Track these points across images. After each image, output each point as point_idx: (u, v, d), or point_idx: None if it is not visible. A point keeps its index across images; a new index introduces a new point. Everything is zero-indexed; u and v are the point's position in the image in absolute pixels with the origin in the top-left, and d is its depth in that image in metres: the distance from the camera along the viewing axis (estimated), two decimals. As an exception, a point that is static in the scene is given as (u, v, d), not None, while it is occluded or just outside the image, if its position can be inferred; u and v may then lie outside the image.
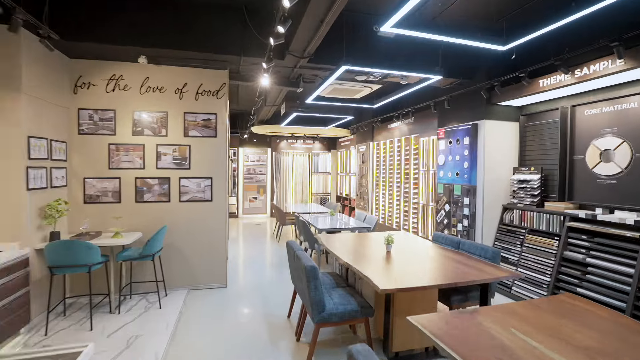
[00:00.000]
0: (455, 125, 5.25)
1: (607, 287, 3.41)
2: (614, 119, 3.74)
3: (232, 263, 5.75)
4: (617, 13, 3.19)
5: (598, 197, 3.87)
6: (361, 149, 9.07)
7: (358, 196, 9.22)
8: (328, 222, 5.80)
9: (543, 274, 4.06)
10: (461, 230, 5.11)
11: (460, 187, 5.13)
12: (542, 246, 4.17)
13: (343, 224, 5.63)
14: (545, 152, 4.53)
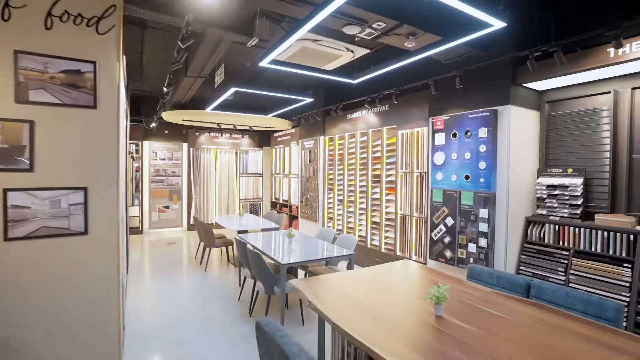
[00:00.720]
0: (463, 112, 3.90)
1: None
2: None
3: (135, 329, 3.41)
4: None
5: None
6: (307, 144, 7.32)
7: (303, 203, 7.46)
8: (292, 248, 3.91)
9: (610, 315, 2.91)
10: (474, 253, 3.77)
11: (472, 194, 3.79)
12: (604, 276, 3.03)
13: (313, 251, 3.82)
14: (584, 149, 3.46)
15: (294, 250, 3.78)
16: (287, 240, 4.27)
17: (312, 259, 3.47)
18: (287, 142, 8.46)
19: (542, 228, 3.55)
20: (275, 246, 3.99)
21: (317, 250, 3.83)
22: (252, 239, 4.32)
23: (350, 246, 4.06)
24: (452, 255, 4.01)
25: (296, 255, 3.59)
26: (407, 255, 4.87)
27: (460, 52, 3.69)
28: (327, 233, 4.67)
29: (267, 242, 4.19)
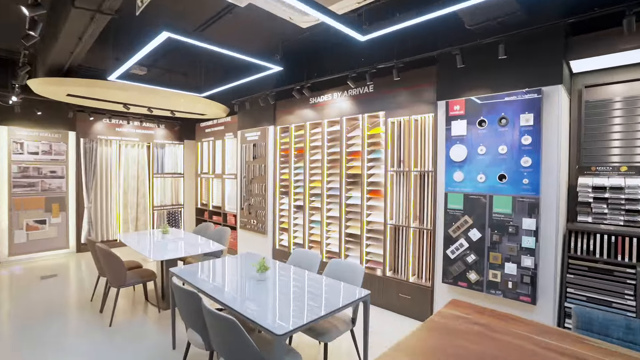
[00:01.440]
0: (495, 94, 2.98)
1: None
2: None
3: None
4: None
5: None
6: (250, 136, 5.74)
7: (244, 210, 5.85)
8: (277, 294, 2.44)
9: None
10: (514, 276, 2.87)
11: (510, 199, 2.89)
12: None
13: (313, 296, 2.43)
14: (632, 144, 2.85)
15: (282, 299, 2.33)
16: (256, 279, 2.76)
17: (320, 316, 2.08)
18: (220, 133, 6.68)
19: (589, 239, 2.84)
20: (245, 294, 2.46)
21: (317, 294, 2.44)
22: (201, 279, 2.70)
23: (355, 279, 2.78)
24: (478, 279, 3.06)
25: (289, 308, 2.16)
26: (403, 276, 3.80)
27: (497, 13, 2.75)
28: (304, 256, 3.29)
29: (231, 287, 2.63)
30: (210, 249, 3.74)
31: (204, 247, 3.86)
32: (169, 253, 3.52)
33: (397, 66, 3.38)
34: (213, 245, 3.87)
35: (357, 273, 2.80)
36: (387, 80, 3.81)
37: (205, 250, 3.71)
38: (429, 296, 3.51)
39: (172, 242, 4.03)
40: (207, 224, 4.99)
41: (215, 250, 3.75)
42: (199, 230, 4.96)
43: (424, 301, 3.54)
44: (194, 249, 3.73)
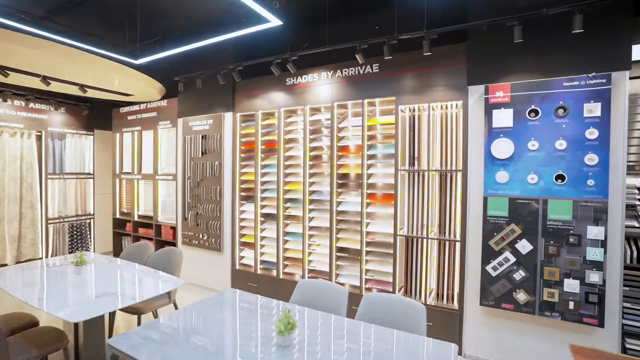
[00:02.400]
0: (551, 79, 2.46)
1: None
2: None
3: None
4: None
5: None
6: (197, 126, 4.40)
7: (188, 221, 4.47)
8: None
9: None
10: (576, 294, 2.39)
11: (571, 203, 2.40)
12: None
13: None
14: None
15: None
16: (278, 347, 1.70)
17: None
18: (151, 122, 5.08)
19: (637, 245, 2.53)
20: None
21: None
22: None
23: (415, 324, 1.94)
24: (529, 299, 2.52)
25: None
26: (419, 297, 3.10)
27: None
28: (318, 291, 2.32)
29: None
30: (166, 287, 2.45)
31: (153, 283, 2.54)
32: (93, 307, 2.12)
33: (428, 37, 2.64)
34: (168, 282, 2.58)
35: (417, 314, 1.95)
36: (398, 59, 3.06)
37: (160, 290, 2.41)
38: (457, 322, 2.87)
39: (96, 280, 2.59)
40: (144, 244, 3.54)
41: (173, 288, 2.48)
42: (130, 253, 3.48)
43: (451, 328, 2.90)
44: (137, 291, 2.40)
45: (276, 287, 3.82)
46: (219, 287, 4.22)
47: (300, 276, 3.78)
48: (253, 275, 4.00)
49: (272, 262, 3.98)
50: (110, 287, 2.40)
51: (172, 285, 2.49)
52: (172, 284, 2.51)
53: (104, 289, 2.37)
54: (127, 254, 3.46)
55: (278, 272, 3.85)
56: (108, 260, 3.17)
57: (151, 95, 4.62)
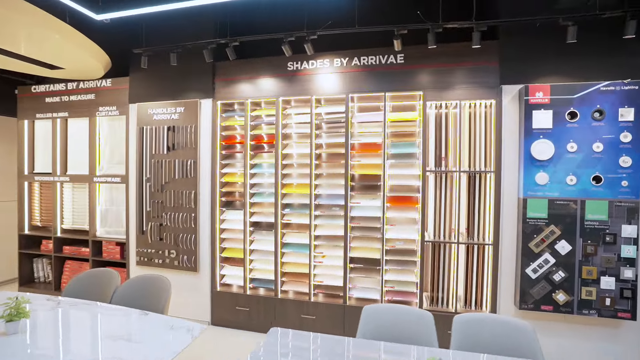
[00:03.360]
0: (590, 83, 2.48)
1: None
2: None
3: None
4: None
5: None
6: (161, 115, 3.45)
7: (147, 235, 3.48)
8: None
9: None
10: (612, 291, 2.45)
11: (606, 204, 2.46)
12: None
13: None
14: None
15: None
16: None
17: None
18: (85, 107, 3.79)
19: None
20: None
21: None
22: None
23: (528, 348, 1.66)
24: (568, 299, 2.52)
25: None
26: (448, 307, 2.89)
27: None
28: (394, 319, 1.88)
29: None
30: (182, 341, 1.69)
31: (156, 338, 1.74)
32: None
33: (478, 28, 2.42)
34: (179, 331, 1.80)
35: (525, 334, 1.68)
36: (425, 51, 2.80)
37: (176, 346, 1.64)
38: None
39: (59, 348, 1.66)
40: (101, 273, 2.53)
41: (192, 339, 1.73)
42: (82, 288, 2.44)
43: (484, 335, 2.76)
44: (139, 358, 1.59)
45: (275, 309, 3.20)
46: (197, 315, 3.36)
47: (295, 293, 3.22)
48: (242, 297, 3.29)
49: (265, 279, 3.33)
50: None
51: (188, 336, 1.73)
52: (188, 334, 1.75)
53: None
54: (77, 289, 2.42)
55: (276, 291, 3.23)
56: (54, 302, 2.14)
57: (92, 70, 3.45)
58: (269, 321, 3.19)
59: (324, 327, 3.07)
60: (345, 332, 3.03)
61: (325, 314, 3.09)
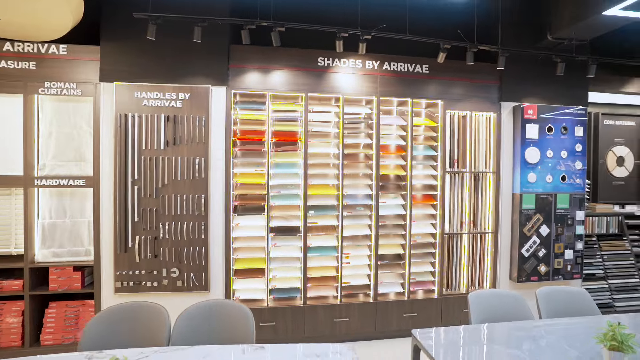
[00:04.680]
0: (559, 106, 3.24)
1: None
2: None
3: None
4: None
5: (615, 196, 4.17)
6: (154, 100, 2.70)
7: (131, 254, 2.67)
8: None
9: (631, 276, 3.73)
10: (570, 260, 3.29)
11: (568, 197, 3.27)
12: (619, 249, 3.79)
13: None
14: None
15: None
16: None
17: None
18: (17, 80, 2.56)
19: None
20: None
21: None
22: None
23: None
24: (547, 270, 3.24)
25: None
26: (460, 289, 3.28)
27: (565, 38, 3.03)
28: (496, 299, 2.07)
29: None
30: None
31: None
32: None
33: (503, 53, 2.84)
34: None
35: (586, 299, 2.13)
36: (446, 65, 3.10)
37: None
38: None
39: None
40: (142, 306, 1.84)
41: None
42: (110, 332, 1.73)
43: (489, 308, 3.26)
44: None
45: (304, 318, 2.96)
46: (208, 342, 2.77)
47: (323, 298, 3.09)
48: (265, 312, 2.91)
49: (288, 288, 3.04)
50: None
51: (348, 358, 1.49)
52: (345, 358, 1.51)
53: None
54: (102, 333, 1.70)
55: (304, 299, 3.00)
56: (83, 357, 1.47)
57: (52, 21, 2.37)
58: (300, 332, 2.94)
59: (357, 327, 3.03)
60: (376, 329, 3.07)
61: (357, 314, 3.05)
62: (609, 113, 4.09)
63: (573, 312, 2.09)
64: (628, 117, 4.14)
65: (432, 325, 3.15)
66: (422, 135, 3.30)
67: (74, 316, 2.73)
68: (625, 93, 3.70)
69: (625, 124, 4.12)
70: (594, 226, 3.76)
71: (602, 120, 4.04)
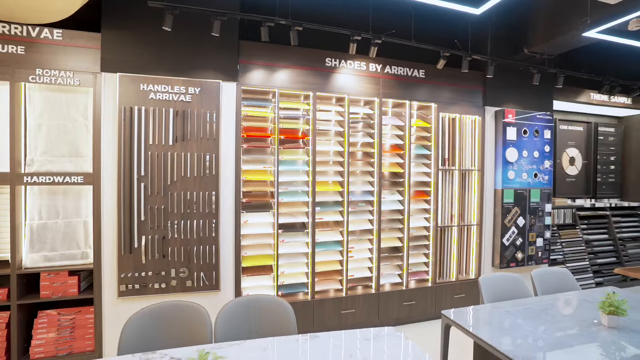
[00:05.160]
0: (532, 112, 3.65)
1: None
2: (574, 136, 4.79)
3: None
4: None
5: (568, 191, 4.78)
6: (161, 94, 2.56)
7: (140, 253, 2.52)
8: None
9: (583, 260, 4.31)
10: (541, 247, 3.72)
11: (539, 191, 3.69)
12: (574, 237, 4.36)
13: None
14: (532, 154, 4.59)
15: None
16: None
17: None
18: (4, 65, 2.28)
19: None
20: None
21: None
22: None
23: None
24: (522, 256, 3.64)
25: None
26: (451, 277, 3.54)
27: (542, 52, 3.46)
28: (501, 280, 2.31)
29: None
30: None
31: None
32: None
33: (492, 63, 3.14)
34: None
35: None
36: (439, 71, 3.34)
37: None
38: (478, 287, 3.59)
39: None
40: (178, 306, 1.77)
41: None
42: (150, 333, 1.65)
43: (475, 293, 3.58)
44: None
45: (313, 311, 3.01)
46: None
47: (329, 291, 3.17)
48: (274, 308, 2.90)
49: (296, 283, 3.07)
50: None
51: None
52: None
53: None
54: (141, 333, 1.62)
55: (312, 293, 3.05)
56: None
57: (56, 6, 2.14)
58: (309, 325, 2.98)
59: (362, 317, 3.15)
60: (379, 317, 3.22)
61: (362, 305, 3.17)
62: (564, 119, 4.68)
63: (561, 289, 2.41)
64: (578, 123, 4.78)
65: (428, 311, 3.39)
66: (414, 135, 3.52)
67: (70, 325, 2.50)
68: (578, 102, 4.26)
69: (575, 129, 4.75)
70: (554, 218, 4.29)
71: (558, 125, 4.62)
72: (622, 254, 4.57)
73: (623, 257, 4.56)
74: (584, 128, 4.83)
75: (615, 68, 4.40)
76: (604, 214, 4.68)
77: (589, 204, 4.57)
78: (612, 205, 4.74)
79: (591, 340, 1.62)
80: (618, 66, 4.45)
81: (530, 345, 1.58)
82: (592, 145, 4.83)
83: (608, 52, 4.27)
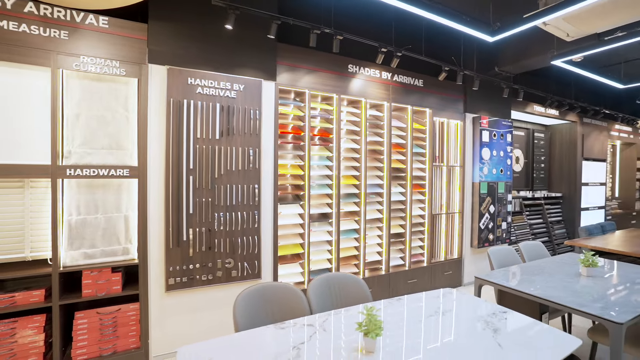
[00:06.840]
0: (499, 119, 4.39)
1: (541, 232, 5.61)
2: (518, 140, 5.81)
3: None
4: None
5: (516, 185, 5.76)
6: (208, 88, 2.58)
7: (183, 248, 2.51)
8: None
9: (528, 239, 5.26)
10: (505, 229, 4.49)
11: (504, 184, 4.46)
12: (521, 222, 5.30)
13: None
14: (489, 154, 5.44)
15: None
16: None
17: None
18: (43, 48, 2.03)
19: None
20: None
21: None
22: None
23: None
24: (493, 237, 4.36)
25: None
26: (441, 258, 4.09)
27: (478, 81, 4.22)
28: (505, 251, 2.87)
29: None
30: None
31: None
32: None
33: (478, 77, 3.74)
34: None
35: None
36: (433, 81, 3.87)
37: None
38: (460, 264, 4.22)
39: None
40: (274, 286, 1.89)
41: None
42: (263, 309, 1.76)
43: (459, 270, 4.19)
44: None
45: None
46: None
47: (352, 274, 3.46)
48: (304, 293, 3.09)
49: (322, 269, 3.30)
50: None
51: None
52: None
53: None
54: (253, 311, 1.73)
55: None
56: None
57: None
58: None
59: (376, 295, 3.50)
60: (390, 295, 3.61)
61: (376, 284, 3.53)
62: (514, 125, 5.64)
63: (539, 256, 3.07)
64: (521, 129, 5.80)
65: (425, 287, 3.88)
66: (422, 137, 3.99)
67: (112, 324, 2.38)
68: (525, 112, 5.21)
69: (519, 133, 5.76)
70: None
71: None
72: (552, 234, 5.70)
73: (552, 236, 5.70)
74: (525, 133, 5.89)
75: (556, 87, 5.47)
76: (540, 203, 5.78)
77: (530, 194, 5.60)
78: (545, 196, 5.87)
79: (580, 282, 2.20)
80: (559, 85, 5.53)
81: (545, 289, 2.09)
82: (530, 147, 5.91)
83: (552, 74, 5.31)
